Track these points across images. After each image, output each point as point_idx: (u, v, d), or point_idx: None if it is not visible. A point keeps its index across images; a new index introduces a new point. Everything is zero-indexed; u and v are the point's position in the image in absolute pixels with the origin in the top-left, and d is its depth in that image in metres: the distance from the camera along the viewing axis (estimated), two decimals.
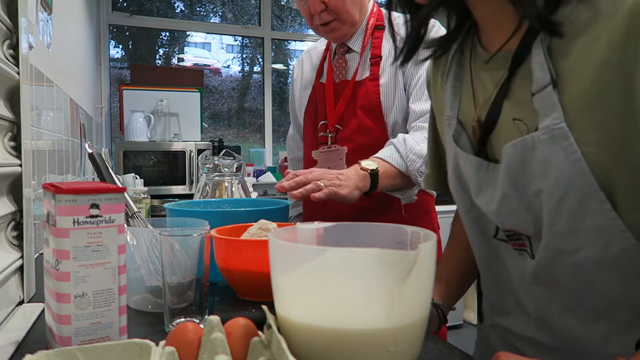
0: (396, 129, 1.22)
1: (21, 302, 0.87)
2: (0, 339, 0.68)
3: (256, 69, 4.19)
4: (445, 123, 0.73)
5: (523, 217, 0.63)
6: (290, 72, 4.29)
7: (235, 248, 0.78)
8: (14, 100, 0.88)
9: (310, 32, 4.38)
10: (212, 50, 4.16)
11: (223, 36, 4.12)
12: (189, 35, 4.05)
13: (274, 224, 0.86)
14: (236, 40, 4.20)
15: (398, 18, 0.74)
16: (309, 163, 1.33)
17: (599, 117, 0.53)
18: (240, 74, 4.23)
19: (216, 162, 1.26)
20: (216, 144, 3.40)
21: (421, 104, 1.17)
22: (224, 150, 1.32)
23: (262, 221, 0.86)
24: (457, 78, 0.71)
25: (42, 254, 0.82)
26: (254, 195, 2.02)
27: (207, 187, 1.26)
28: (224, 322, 0.55)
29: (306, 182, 0.95)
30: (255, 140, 4.13)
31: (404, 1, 0.67)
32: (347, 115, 1.25)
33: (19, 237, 0.88)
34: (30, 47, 1.00)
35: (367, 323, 0.49)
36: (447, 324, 0.93)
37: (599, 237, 0.58)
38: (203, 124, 3.49)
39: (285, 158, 3.84)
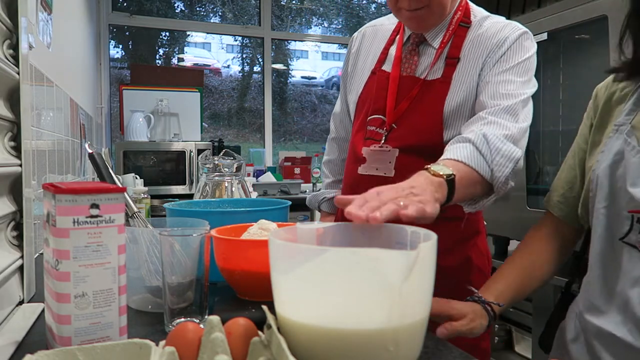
0: (452, 133, 1.09)
1: (21, 302, 0.87)
2: (0, 339, 0.68)
3: (256, 69, 4.19)
4: (613, 129, 0.84)
5: None
6: (290, 71, 4.29)
7: (235, 248, 0.78)
8: (14, 100, 0.88)
9: (310, 32, 4.38)
10: (212, 50, 4.16)
11: (223, 36, 4.12)
12: (189, 35, 4.05)
13: (274, 224, 0.86)
14: (236, 40, 4.20)
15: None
16: (354, 156, 1.21)
17: None
18: (240, 74, 4.23)
19: (216, 162, 1.26)
20: (216, 144, 3.40)
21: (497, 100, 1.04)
22: (224, 150, 1.32)
23: (262, 221, 0.86)
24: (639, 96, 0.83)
25: (42, 254, 0.82)
26: (254, 195, 2.02)
27: (207, 187, 1.26)
28: (224, 322, 0.55)
29: (380, 204, 0.69)
30: (255, 140, 4.13)
31: None
32: (405, 114, 1.14)
33: (19, 237, 0.88)
34: (30, 47, 1.00)
35: (367, 323, 0.49)
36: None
37: None
38: (203, 124, 3.49)
39: (286, 158, 3.85)
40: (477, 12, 1.20)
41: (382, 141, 1.15)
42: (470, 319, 0.83)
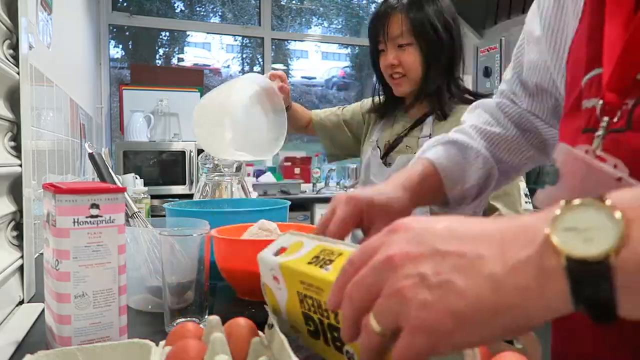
0: None
1: (21, 302, 0.87)
2: (0, 339, 0.68)
3: (256, 69, 4.19)
4: (372, 144, 1.37)
5: None
6: (290, 71, 4.29)
7: (235, 248, 0.78)
8: (14, 100, 0.88)
9: (310, 32, 4.39)
10: (212, 50, 4.16)
11: (223, 36, 4.12)
12: (189, 35, 4.05)
13: (274, 224, 0.86)
14: (236, 40, 4.20)
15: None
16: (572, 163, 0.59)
17: None
18: (241, 74, 4.22)
19: (216, 162, 1.26)
20: None
21: None
22: None
23: (262, 221, 0.86)
24: (385, 122, 1.37)
25: (42, 254, 0.82)
26: (254, 195, 2.02)
27: (207, 187, 1.26)
28: (224, 322, 0.55)
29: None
30: None
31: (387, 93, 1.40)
32: None
33: (19, 237, 0.88)
34: (30, 47, 1.00)
35: None
36: None
37: None
38: None
39: (286, 158, 3.83)
40: None
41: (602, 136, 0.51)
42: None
